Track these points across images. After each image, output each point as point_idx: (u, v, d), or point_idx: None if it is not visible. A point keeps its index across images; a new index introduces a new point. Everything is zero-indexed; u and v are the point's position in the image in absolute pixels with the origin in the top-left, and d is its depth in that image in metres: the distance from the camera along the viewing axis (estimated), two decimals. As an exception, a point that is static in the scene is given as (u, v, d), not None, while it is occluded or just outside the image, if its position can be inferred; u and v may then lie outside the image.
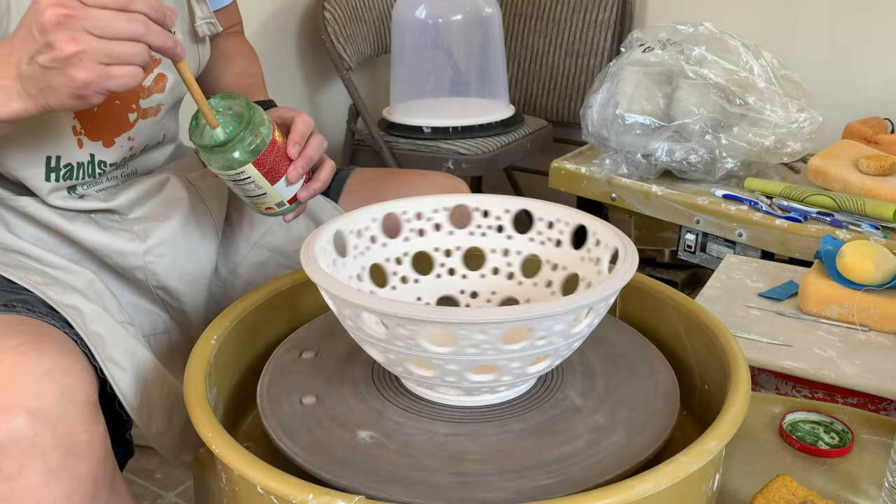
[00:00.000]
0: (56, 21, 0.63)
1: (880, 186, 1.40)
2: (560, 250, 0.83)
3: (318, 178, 0.87)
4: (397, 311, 0.61)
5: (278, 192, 0.83)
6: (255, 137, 0.77)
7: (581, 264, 0.81)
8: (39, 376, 0.66)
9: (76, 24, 0.63)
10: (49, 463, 0.65)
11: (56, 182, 0.84)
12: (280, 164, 0.81)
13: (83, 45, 0.63)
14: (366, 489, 0.61)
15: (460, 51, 2.01)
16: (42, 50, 0.64)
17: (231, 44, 1.11)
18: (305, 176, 0.86)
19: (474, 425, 0.69)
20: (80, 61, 0.63)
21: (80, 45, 0.63)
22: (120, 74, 0.65)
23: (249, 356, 0.84)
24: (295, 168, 0.82)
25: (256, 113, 0.78)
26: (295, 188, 0.84)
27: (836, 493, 0.74)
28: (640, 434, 0.68)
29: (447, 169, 1.83)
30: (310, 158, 0.84)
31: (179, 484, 1.42)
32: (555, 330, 0.63)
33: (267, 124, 0.79)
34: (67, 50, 0.63)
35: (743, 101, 1.47)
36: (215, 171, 0.80)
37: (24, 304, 0.75)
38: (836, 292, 1.07)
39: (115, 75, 0.65)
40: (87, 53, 0.63)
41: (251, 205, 0.85)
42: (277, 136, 0.81)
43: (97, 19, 0.63)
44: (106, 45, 0.64)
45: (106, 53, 0.64)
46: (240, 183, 0.81)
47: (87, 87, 0.65)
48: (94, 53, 0.64)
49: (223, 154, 0.77)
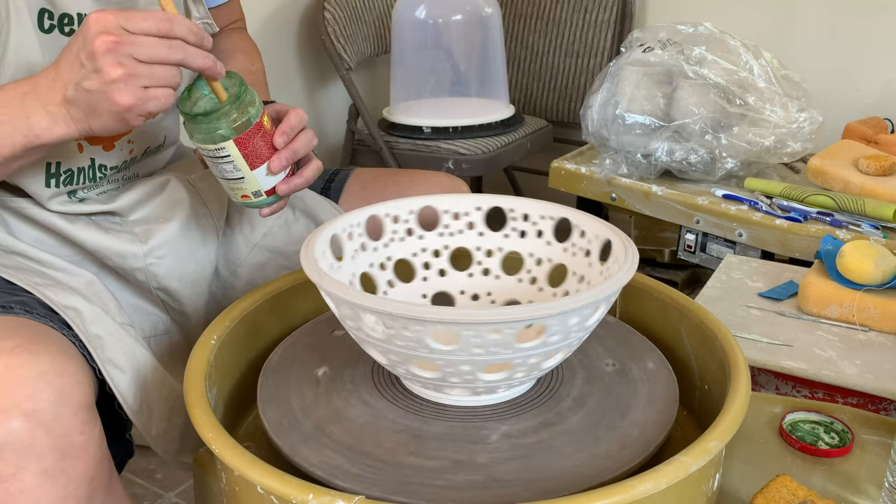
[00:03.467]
0: (106, 48, 0.67)
1: (880, 186, 1.40)
2: (538, 242, 0.84)
3: (302, 175, 0.85)
4: (407, 312, 0.61)
5: (257, 179, 0.81)
6: (240, 114, 0.77)
7: (565, 255, 0.82)
8: (35, 378, 0.66)
9: (124, 50, 0.67)
10: (45, 465, 0.65)
11: (56, 188, 0.84)
12: (263, 150, 0.80)
13: (128, 70, 0.67)
14: (366, 489, 0.61)
15: (460, 51, 2.01)
16: (89, 76, 0.68)
17: (233, 40, 1.11)
18: (289, 170, 0.84)
19: (479, 425, 0.69)
20: (125, 86, 0.68)
21: (126, 70, 0.67)
22: (158, 96, 0.70)
23: (249, 356, 0.84)
24: (279, 157, 0.81)
25: (248, 93, 0.78)
26: (275, 179, 0.82)
27: (836, 493, 0.74)
28: (640, 434, 0.68)
29: (447, 169, 1.83)
30: (295, 151, 0.83)
31: (179, 484, 1.42)
32: (570, 325, 0.64)
33: (257, 106, 0.79)
34: (113, 74, 0.67)
35: (743, 101, 1.47)
36: (196, 144, 0.79)
37: (22, 306, 0.75)
38: (836, 292, 1.07)
39: (155, 97, 0.70)
40: (133, 77, 0.68)
41: (228, 190, 0.84)
42: (266, 121, 0.80)
43: (142, 46, 0.68)
44: (149, 69, 0.69)
45: (148, 77, 0.69)
46: (219, 162, 0.79)
47: (130, 110, 0.69)
48: (138, 77, 0.68)
49: (206, 125, 0.77)
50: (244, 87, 0.78)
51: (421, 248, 0.86)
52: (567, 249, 0.83)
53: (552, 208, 0.83)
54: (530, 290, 0.85)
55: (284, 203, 0.86)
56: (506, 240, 0.86)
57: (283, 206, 0.86)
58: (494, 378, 0.67)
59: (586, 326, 0.67)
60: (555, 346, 0.66)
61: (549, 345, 0.65)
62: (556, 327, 0.63)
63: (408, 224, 0.85)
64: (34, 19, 0.78)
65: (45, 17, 0.79)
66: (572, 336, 0.66)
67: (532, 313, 0.61)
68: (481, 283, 0.87)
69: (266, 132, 0.80)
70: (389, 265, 0.85)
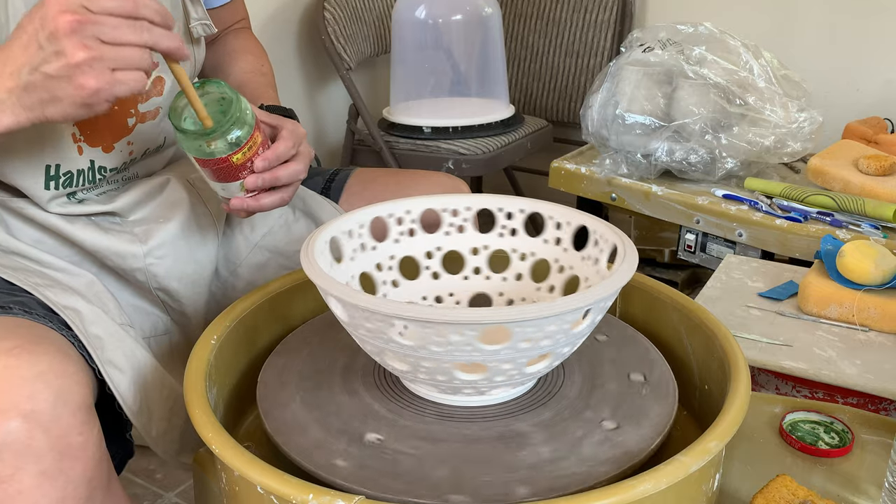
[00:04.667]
0: (69, 28, 0.62)
1: (880, 186, 1.39)
2: (520, 239, 0.84)
3: (258, 199, 0.83)
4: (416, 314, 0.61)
5: (228, 191, 0.83)
6: (212, 146, 0.77)
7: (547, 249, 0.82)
8: (33, 379, 0.66)
9: (87, 30, 0.63)
10: (43, 465, 0.65)
11: (56, 190, 0.84)
12: (237, 172, 0.80)
13: (94, 52, 0.63)
14: (366, 489, 0.61)
15: (460, 51, 2.01)
16: (49, 59, 0.64)
17: (240, 40, 1.10)
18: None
19: (482, 424, 0.69)
20: (90, 69, 0.64)
21: (91, 52, 0.63)
22: (127, 80, 0.66)
23: (249, 356, 0.84)
24: (255, 179, 0.80)
25: (227, 124, 0.76)
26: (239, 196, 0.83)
27: (836, 493, 0.74)
28: (640, 434, 0.68)
29: (447, 169, 1.83)
30: (276, 178, 0.82)
31: (179, 484, 1.42)
32: (553, 329, 0.63)
33: (233, 138, 0.77)
34: (78, 57, 0.63)
35: (743, 101, 1.47)
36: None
37: (21, 306, 0.75)
38: (836, 292, 1.07)
39: (122, 81, 0.65)
40: (98, 60, 0.63)
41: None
42: (238, 156, 0.79)
43: (106, 26, 0.64)
44: (114, 51, 0.64)
45: (114, 59, 0.64)
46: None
47: (97, 94, 0.65)
48: (105, 60, 0.64)
49: (183, 141, 0.78)
50: (229, 116, 0.76)
51: (427, 248, 0.86)
52: (567, 250, 0.83)
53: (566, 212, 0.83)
54: (533, 292, 0.85)
55: (254, 201, 0.84)
56: (500, 239, 0.86)
57: (250, 206, 0.84)
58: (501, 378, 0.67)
59: (574, 333, 0.66)
60: (557, 345, 0.66)
61: (538, 349, 0.65)
62: (558, 327, 0.63)
63: (410, 225, 0.85)
64: None
65: None
66: (562, 341, 0.66)
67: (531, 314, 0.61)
68: (481, 284, 0.87)
69: (234, 165, 0.79)
70: (393, 264, 0.85)
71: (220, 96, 0.79)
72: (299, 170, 0.84)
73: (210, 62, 1.07)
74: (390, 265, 0.85)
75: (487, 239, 0.87)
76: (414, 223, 0.85)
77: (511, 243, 0.86)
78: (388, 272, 0.84)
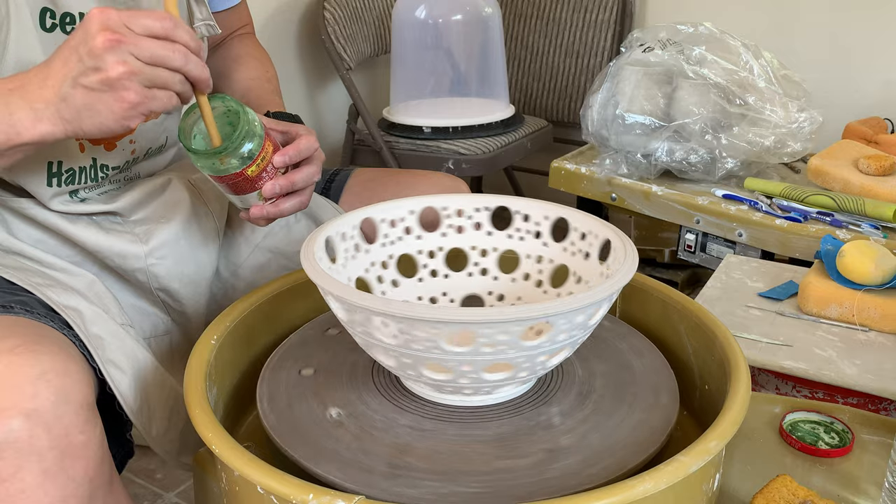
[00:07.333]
0: (108, 45, 0.66)
1: (880, 186, 1.40)
2: (538, 243, 0.84)
3: (277, 205, 0.83)
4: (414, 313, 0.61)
5: (245, 201, 0.83)
6: (224, 163, 0.77)
7: (565, 255, 0.82)
8: (35, 378, 0.66)
9: (125, 48, 0.66)
10: (45, 464, 0.65)
11: (58, 187, 0.84)
12: (252, 184, 0.81)
13: (131, 68, 0.66)
14: (366, 489, 0.61)
15: (460, 51, 2.01)
16: (87, 72, 0.67)
17: (245, 46, 1.10)
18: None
19: (479, 425, 0.69)
20: (129, 83, 0.67)
21: (129, 68, 0.66)
22: (160, 97, 0.69)
23: (249, 356, 0.84)
24: (273, 184, 0.81)
25: (238, 139, 0.76)
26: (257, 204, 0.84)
27: (836, 493, 0.74)
28: (640, 434, 0.68)
29: (447, 169, 1.83)
30: (293, 183, 0.83)
31: (179, 484, 1.42)
32: (575, 323, 0.64)
33: (245, 153, 0.77)
34: (116, 72, 0.66)
35: (743, 101, 1.47)
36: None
37: (23, 306, 0.75)
38: (836, 292, 1.07)
39: (156, 97, 0.69)
40: (135, 76, 0.67)
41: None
42: (253, 168, 0.79)
43: (144, 47, 0.67)
44: (151, 70, 0.68)
45: (151, 78, 0.68)
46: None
47: (135, 107, 0.68)
48: (141, 77, 0.67)
49: (196, 160, 0.78)
50: (239, 131, 0.76)
51: (420, 248, 0.86)
52: (566, 249, 0.83)
53: (551, 208, 0.83)
54: (535, 291, 0.85)
55: (271, 207, 0.84)
56: (508, 240, 0.86)
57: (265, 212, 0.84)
58: (497, 378, 0.67)
59: (589, 325, 0.67)
60: (560, 345, 0.66)
61: (554, 342, 0.65)
62: (564, 325, 0.63)
63: (409, 225, 0.85)
64: (35, 18, 0.78)
65: (46, 16, 0.79)
66: (575, 334, 0.66)
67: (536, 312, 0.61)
68: (482, 284, 0.87)
69: (249, 177, 0.79)
70: (391, 264, 0.85)
71: (225, 110, 0.79)
72: (314, 172, 0.85)
73: (214, 68, 1.07)
74: (387, 264, 0.85)
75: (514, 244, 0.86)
76: (412, 223, 0.85)
77: (526, 247, 0.86)
78: (387, 271, 0.85)
